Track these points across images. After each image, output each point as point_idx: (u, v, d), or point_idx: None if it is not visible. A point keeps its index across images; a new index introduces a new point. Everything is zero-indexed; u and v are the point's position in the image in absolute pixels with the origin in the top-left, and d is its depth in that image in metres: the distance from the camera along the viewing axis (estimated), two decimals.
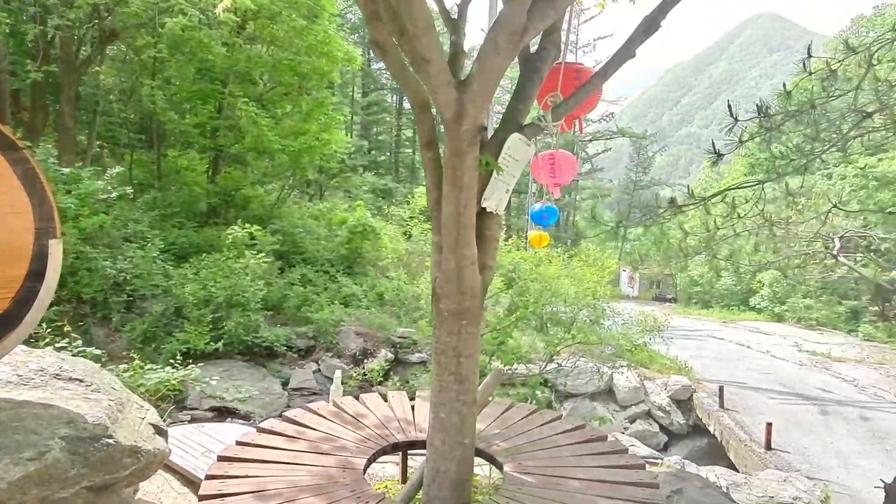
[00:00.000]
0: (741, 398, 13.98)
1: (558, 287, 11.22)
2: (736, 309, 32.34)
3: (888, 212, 4.19)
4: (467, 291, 3.07)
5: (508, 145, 2.96)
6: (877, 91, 4.10)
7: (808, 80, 4.07)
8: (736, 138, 4.49)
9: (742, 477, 8.39)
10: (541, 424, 4.04)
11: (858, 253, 5.31)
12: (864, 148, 4.41)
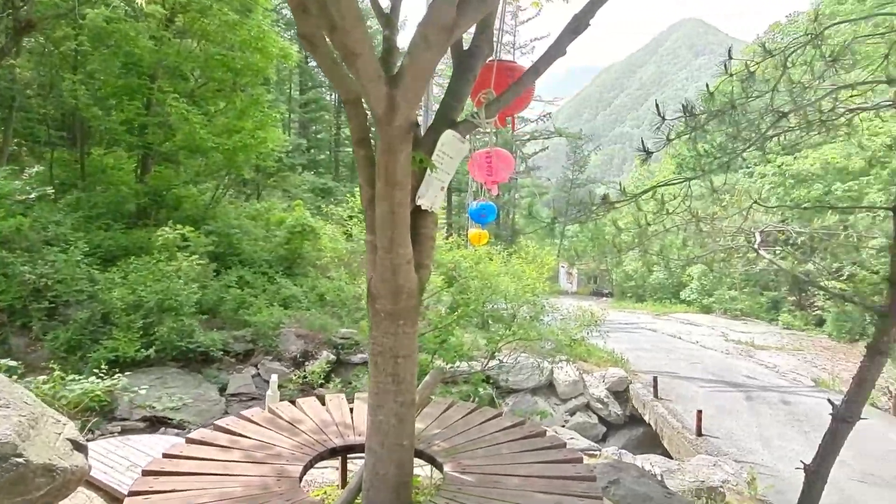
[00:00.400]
0: (674, 387, 14.51)
1: (498, 284, 11.32)
2: (668, 302, 33.63)
3: (803, 207, 4.45)
4: (403, 291, 3.01)
5: (442, 142, 2.92)
6: (791, 92, 4.30)
7: (729, 82, 4.23)
8: (664, 137, 4.63)
9: (675, 464, 8.70)
10: (481, 423, 4.03)
11: (777, 246, 5.61)
12: (781, 147, 4.63)
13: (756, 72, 4.54)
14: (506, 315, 12.52)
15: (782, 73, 4.21)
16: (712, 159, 4.54)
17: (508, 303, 12.47)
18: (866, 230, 5.92)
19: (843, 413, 4.31)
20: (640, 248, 5.23)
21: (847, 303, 20.87)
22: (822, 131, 4.35)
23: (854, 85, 4.05)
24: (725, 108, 4.18)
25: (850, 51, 4.17)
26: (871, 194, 16.84)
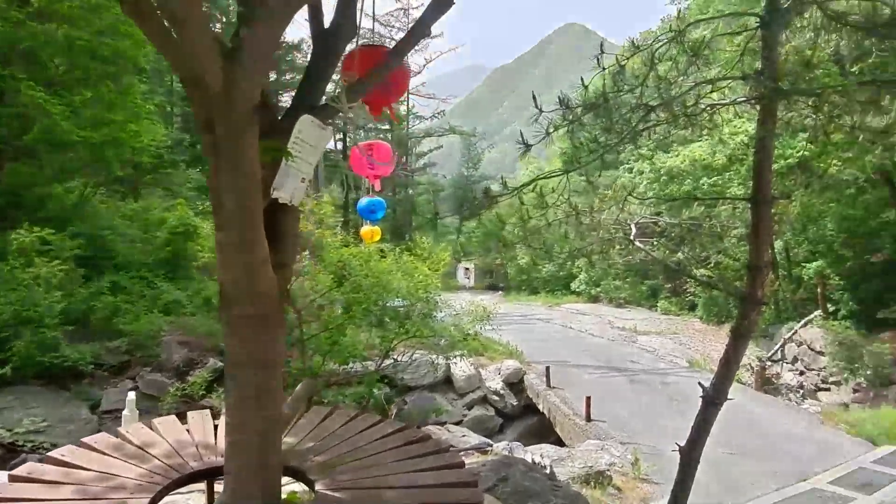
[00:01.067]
0: (565, 376, 15.03)
1: (390, 282, 11.09)
2: (559, 293, 35.00)
3: (671, 199, 4.71)
4: (262, 294, 2.70)
5: (299, 128, 2.64)
6: (658, 88, 4.41)
7: (602, 76, 4.27)
8: (543, 130, 4.61)
9: (566, 451, 8.93)
10: (361, 430, 3.79)
11: (653, 238, 5.91)
12: (652, 141, 4.78)
13: (627, 67, 4.63)
14: (402, 312, 12.33)
15: (650, 69, 4.30)
16: (588, 152, 4.57)
17: (403, 299, 12.30)
18: (728, 221, 6.33)
19: (712, 395, 4.49)
20: (523, 242, 5.20)
21: (713, 289, 22.73)
22: (687, 126, 4.51)
23: (714, 81, 4.21)
24: (599, 102, 4.21)
25: (709, 48, 4.33)
26: (733, 188, 18.37)
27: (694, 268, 8.17)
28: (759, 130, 3.97)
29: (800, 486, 7.66)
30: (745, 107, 5.20)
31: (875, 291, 17.37)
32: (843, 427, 9.77)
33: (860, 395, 15.38)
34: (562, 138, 4.80)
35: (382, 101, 3.41)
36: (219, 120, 2.23)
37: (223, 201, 2.46)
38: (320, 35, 2.84)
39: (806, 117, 5.43)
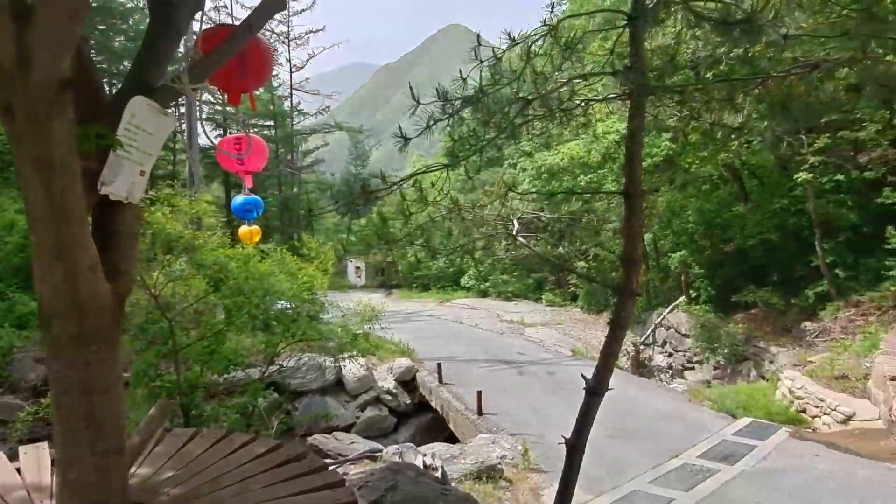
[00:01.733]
0: (457, 371, 15.10)
1: (273, 284, 10.48)
2: (450, 289, 35.38)
3: (550, 193, 4.82)
4: (89, 308, 2.28)
5: (132, 112, 2.24)
6: (535, 82, 4.38)
7: (480, 70, 4.17)
8: (424, 124, 4.44)
9: (458, 448, 8.89)
10: (229, 453, 3.39)
11: (537, 233, 5.95)
12: (530, 136, 4.76)
13: (504, 60, 4.56)
14: (288, 315, 11.74)
15: (525, 64, 4.25)
16: (468, 146, 4.45)
17: (290, 302, 11.73)
18: (604, 215, 6.55)
19: (594, 386, 4.55)
20: (405, 239, 5.00)
21: (592, 282, 23.98)
22: (563, 120, 4.52)
23: (587, 76, 4.24)
24: (477, 95, 4.09)
25: (582, 44, 4.35)
26: (608, 184, 19.45)
27: (574, 261, 8.49)
28: (629, 126, 4.05)
29: (672, 463, 8.13)
30: (618, 105, 5.35)
31: (728, 278, 19.13)
32: (708, 404, 10.56)
33: (719, 372, 16.86)
34: (444, 133, 4.67)
35: (240, 86, 3.05)
36: (16, 101, 1.81)
37: (30, 198, 2.02)
38: (158, 5, 2.45)
39: (671, 116, 5.68)
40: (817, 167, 15.32)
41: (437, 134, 4.57)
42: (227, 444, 3.51)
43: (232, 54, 2.44)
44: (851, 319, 14.34)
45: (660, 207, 18.44)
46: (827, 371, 10.30)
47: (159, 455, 3.35)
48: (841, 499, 6.63)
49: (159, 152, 2.47)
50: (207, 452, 3.41)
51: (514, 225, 5.28)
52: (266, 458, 3.32)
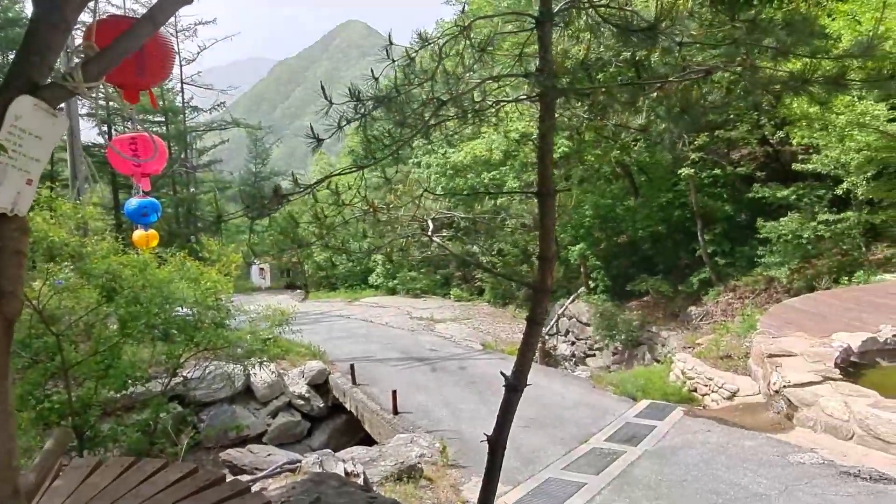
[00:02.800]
0: (370, 371, 14.91)
1: (172, 291, 9.81)
2: (358, 288, 34.92)
3: (466, 193, 4.83)
4: None
5: (16, 114, 1.96)
6: (448, 83, 4.36)
7: (393, 69, 4.08)
8: (335, 123, 4.28)
9: (377, 450, 8.75)
10: (139, 483, 3.10)
11: (448, 231, 5.98)
12: (444, 136, 4.75)
13: (417, 60, 4.50)
14: (190, 323, 11.04)
15: (438, 64, 4.22)
16: (382, 146, 4.35)
17: (193, 309, 11.05)
18: (514, 213, 6.67)
19: (513, 382, 4.61)
20: (319, 242, 4.81)
21: (507, 280, 24.49)
22: (476, 121, 4.53)
23: (498, 78, 4.27)
24: (391, 95, 4.00)
25: (492, 45, 4.38)
26: (509, 181, 20.00)
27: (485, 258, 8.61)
28: (541, 127, 4.12)
29: (582, 448, 8.48)
30: (523, 106, 5.45)
31: (623, 268, 20.29)
32: (610, 389, 11.11)
33: (618, 357, 17.83)
34: (352, 134, 4.54)
35: (138, 83, 2.77)
36: None
37: None
38: None
39: (578, 118, 5.86)
40: (697, 163, 16.56)
41: (344, 132, 4.44)
42: (135, 473, 3.21)
43: (134, 50, 2.20)
44: (730, 303, 15.66)
45: (569, 204, 19.21)
46: (713, 352, 11.18)
47: (59, 492, 3.01)
48: (732, 469, 7.20)
49: (48, 158, 2.18)
50: (114, 484, 3.10)
51: (430, 225, 5.24)
52: (180, 485, 3.07)
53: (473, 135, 21.32)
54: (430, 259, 28.17)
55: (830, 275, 13.99)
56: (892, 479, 6.43)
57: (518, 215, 6.35)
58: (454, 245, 5.54)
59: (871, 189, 12.96)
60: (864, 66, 4.22)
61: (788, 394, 8.28)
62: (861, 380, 8.56)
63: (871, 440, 7.17)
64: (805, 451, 7.39)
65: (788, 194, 15.13)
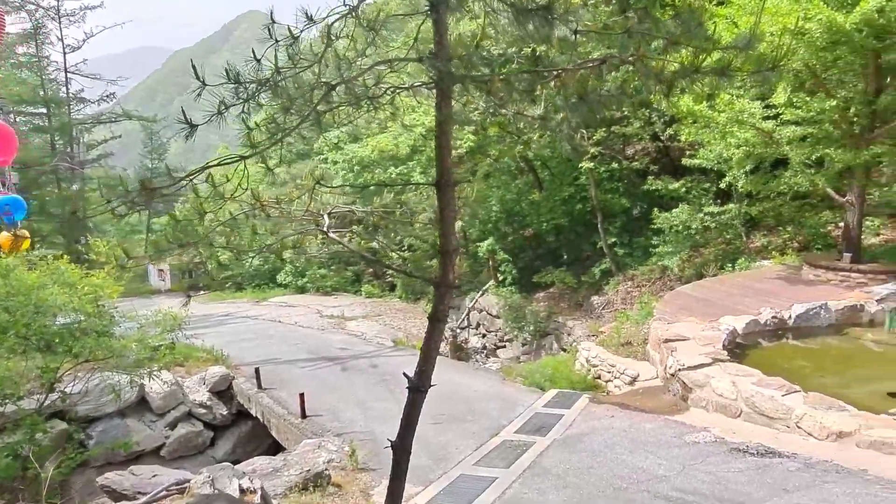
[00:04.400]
0: (277, 374, 14.18)
1: (44, 298, 8.74)
2: (266, 287, 33.47)
3: (363, 186, 4.57)
4: None
5: None
6: (339, 67, 3.99)
7: (275, 50, 3.66)
8: (215, 108, 3.81)
9: (281, 459, 8.22)
10: None
11: (352, 227, 5.63)
12: (336, 124, 4.37)
13: (305, 42, 4.10)
14: (71, 331, 9.94)
15: (327, 45, 3.84)
16: (269, 135, 3.92)
17: (73, 316, 9.95)
18: (416, 206, 6.40)
19: (417, 383, 4.35)
20: (202, 241, 4.31)
21: (409, 277, 24.23)
22: (369, 108, 4.20)
23: (392, 62, 3.97)
24: (273, 77, 3.59)
25: (385, 28, 4.07)
26: (416, 176, 19.79)
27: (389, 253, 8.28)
28: (437, 116, 3.87)
29: (493, 442, 8.38)
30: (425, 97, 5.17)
31: (529, 261, 20.67)
32: (519, 380, 11.16)
33: (527, 348, 18.13)
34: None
35: None
36: None
37: None
38: None
39: (476, 108, 5.64)
40: (596, 158, 17.09)
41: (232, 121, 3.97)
42: None
43: None
44: (629, 291, 16.31)
45: (471, 197, 19.25)
46: (615, 339, 11.51)
47: None
48: (634, 452, 7.35)
49: None
50: None
51: (326, 220, 4.85)
52: None
53: (378, 129, 20.96)
54: (339, 256, 27.46)
55: (716, 262, 14.88)
56: (777, 453, 6.78)
57: (419, 209, 6.09)
58: (358, 242, 5.21)
59: (749, 182, 13.86)
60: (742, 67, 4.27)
61: (683, 376, 8.60)
62: (745, 360, 9.07)
63: (757, 416, 7.56)
64: (699, 431, 7.68)
65: (679, 187, 15.95)
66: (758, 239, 15.71)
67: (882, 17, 9.46)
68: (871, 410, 7.18)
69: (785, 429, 7.27)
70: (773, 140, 12.05)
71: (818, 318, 10.45)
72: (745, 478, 6.37)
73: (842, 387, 8.18)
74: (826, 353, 9.77)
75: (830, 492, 5.86)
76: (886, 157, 11.47)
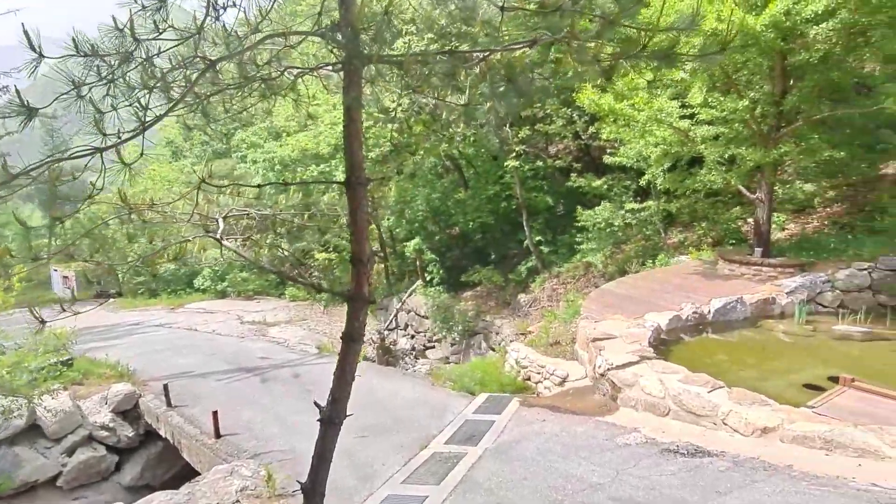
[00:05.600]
0: (190, 389, 12.99)
1: None
2: (183, 292, 31.34)
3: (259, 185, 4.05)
4: None
5: None
6: (228, 43, 3.27)
7: (133, 14, 2.89)
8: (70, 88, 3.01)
9: (185, 493, 7.27)
10: None
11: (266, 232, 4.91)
12: (229, 113, 3.64)
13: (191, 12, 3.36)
14: None
15: (206, 14, 3.12)
16: (139, 120, 3.15)
17: None
18: (329, 209, 5.69)
19: (331, 414, 3.70)
20: (60, 252, 3.46)
21: (318, 291, 23.07)
22: (266, 92, 3.50)
23: (286, 34, 3.29)
24: (129, 48, 2.83)
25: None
26: (339, 174, 18.88)
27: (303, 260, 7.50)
28: (345, 100, 3.24)
29: (423, 455, 7.81)
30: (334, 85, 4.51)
31: (456, 260, 20.26)
32: (449, 384, 10.65)
33: (456, 348, 17.69)
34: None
35: None
36: None
37: None
38: None
39: (398, 105, 5.03)
40: (521, 156, 16.87)
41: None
42: None
43: None
44: (555, 288, 16.20)
45: (389, 198, 18.55)
46: (543, 339, 11.23)
47: None
48: (567, 459, 6.99)
49: None
50: None
51: (219, 225, 4.09)
52: None
53: (299, 126, 19.86)
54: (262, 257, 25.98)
55: (638, 259, 15.00)
56: (706, 452, 6.61)
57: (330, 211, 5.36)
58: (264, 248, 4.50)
59: (667, 180, 14.04)
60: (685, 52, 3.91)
61: (612, 376, 8.37)
62: (671, 356, 8.97)
63: (685, 414, 7.41)
64: (630, 432, 7.44)
65: (601, 185, 15.99)
66: (675, 235, 16.02)
67: (788, 19, 9.64)
68: (791, 403, 7.18)
69: (712, 426, 7.14)
70: (689, 139, 12.18)
71: (735, 311, 10.60)
72: (678, 481, 6.13)
73: (761, 380, 8.21)
74: (743, 345, 9.89)
75: (761, 491, 5.70)
76: (791, 156, 11.84)
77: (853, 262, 11.14)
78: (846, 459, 5.92)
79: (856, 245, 11.95)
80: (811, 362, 8.77)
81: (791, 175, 14.65)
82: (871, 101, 10.76)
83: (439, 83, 3.69)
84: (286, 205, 4.44)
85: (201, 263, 8.08)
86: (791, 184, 14.06)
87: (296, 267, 5.65)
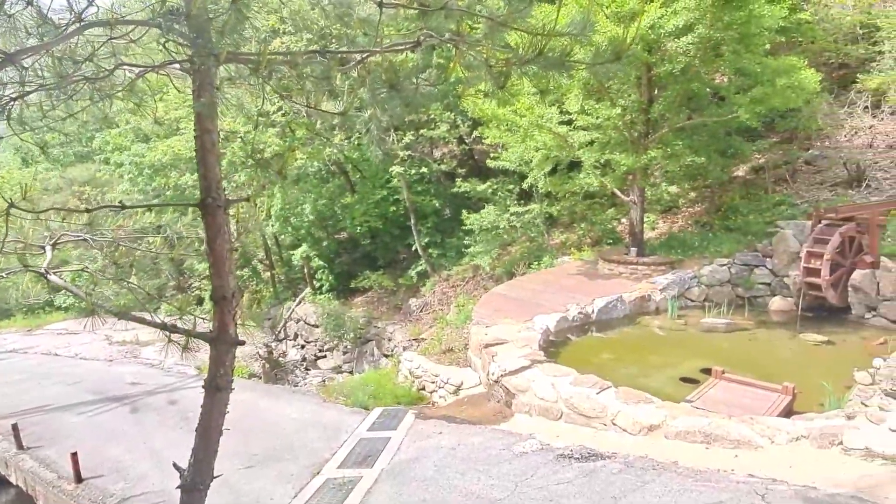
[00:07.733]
0: (47, 426, 11.20)
1: None
2: (41, 312, 27.58)
3: (89, 209, 3.31)
4: None
5: None
6: (41, 32, 2.51)
7: None
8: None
9: None
10: None
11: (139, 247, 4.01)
12: (43, 114, 2.84)
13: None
14: None
15: None
16: None
17: None
18: (183, 230, 4.88)
19: (194, 479, 3.02)
20: None
21: (173, 332, 21.19)
22: (98, 92, 2.77)
23: (111, 23, 2.59)
24: None
25: None
26: None
27: (148, 296, 6.38)
28: (195, 106, 2.61)
29: (315, 483, 7.16)
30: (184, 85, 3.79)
31: (346, 265, 19.50)
32: (341, 400, 9.99)
33: (349, 356, 16.96)
34: None
35: None
36: None
37: None
38: None
39: (257, 114, 4.38)
40: (406, 161, 16.51)
41: None
42: None
43: None
44: (445, 292, 16.02)
45: (259, 215, 17.34)
46: (436, 347, 10.93)
47: None
48: (465, 474, 6.69)
49: None
50: None
51: (47, 254, 3.25)
52: None
53: (169, 130, 18.05)
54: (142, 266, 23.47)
55: (524, 260, 15.21)
56: (599, 455, 6.61)
57: (191, 234, 4.56)
58: (104, 282, 3.71)
59: (548, 183, 14.33)
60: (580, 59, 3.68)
61: (505, 382, 8.23)
62: (560, 358, 9.03)
63: (577, 417, 7.41)
64: (526, 439, 7.30)
65: (485, 188, 16.04)
66: (557, 236, 16.46)
67: (653, 32, 10.09)
68: (671, 398, 7.42)
69: (602, 427, 7.19)
70: (568, 144, 12.46)
71: (616, 310, 10.96)
72: (575, 489, 6.03)
73: (643, 376, 8.45)
74: (625, 342, 10.23)
75: (652, 492, 5.73)
76: (659, 160, 12.52)
77: (715, 259, 11.98)
78: (724, 451, 6.14)
79: (716, 242, 12.90)
80: (685, 355, 9.21)
81: (658, 178, 15.57)
82: (723, 110, 11.61)
83: (312, 87, 3.15)
84: (132, 227, 3.66)
85: (28, 300, 6.81)
86: (658, 186, 14.93)
87: (147, 301, 4.89)
